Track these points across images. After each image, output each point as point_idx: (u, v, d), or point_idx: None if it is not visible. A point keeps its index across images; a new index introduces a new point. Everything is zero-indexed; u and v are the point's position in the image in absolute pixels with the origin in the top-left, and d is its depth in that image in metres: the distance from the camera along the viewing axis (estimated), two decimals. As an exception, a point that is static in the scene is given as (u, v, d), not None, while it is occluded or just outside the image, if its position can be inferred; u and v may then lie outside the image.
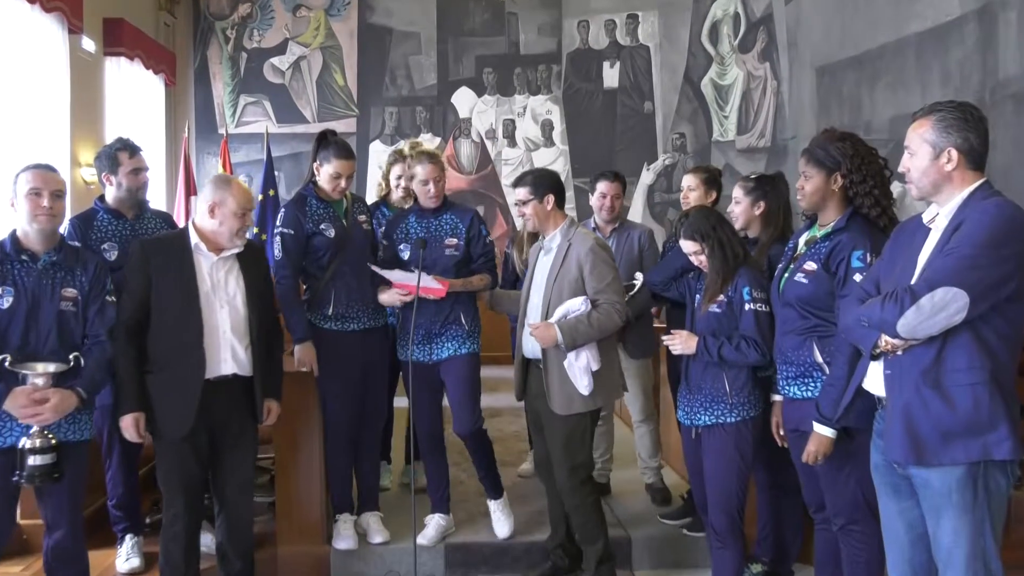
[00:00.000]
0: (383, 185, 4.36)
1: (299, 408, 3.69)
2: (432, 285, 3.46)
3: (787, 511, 3.33)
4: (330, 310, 3.62)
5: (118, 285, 3.42)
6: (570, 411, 3.24)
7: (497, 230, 8.66)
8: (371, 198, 4.36)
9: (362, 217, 3.76)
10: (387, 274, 3.54)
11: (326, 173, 3.61)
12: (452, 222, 3.66)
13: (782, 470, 3.16)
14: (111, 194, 3.59)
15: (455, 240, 3.63)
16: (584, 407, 3.25)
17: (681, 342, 3.05)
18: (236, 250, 3.05)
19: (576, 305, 3.18)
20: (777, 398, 2.95)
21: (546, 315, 3.23)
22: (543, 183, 3.34)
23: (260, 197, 7.33)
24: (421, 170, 3.61)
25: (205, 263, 3.01)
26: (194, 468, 3.02)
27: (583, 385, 3.20)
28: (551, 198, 3.32)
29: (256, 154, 8.42)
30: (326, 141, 3.64)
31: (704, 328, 3.03)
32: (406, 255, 3.61)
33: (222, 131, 8.26)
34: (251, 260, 3.12)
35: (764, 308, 2.94)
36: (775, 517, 3.35)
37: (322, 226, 3.59)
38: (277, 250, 3.59)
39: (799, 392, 2.77)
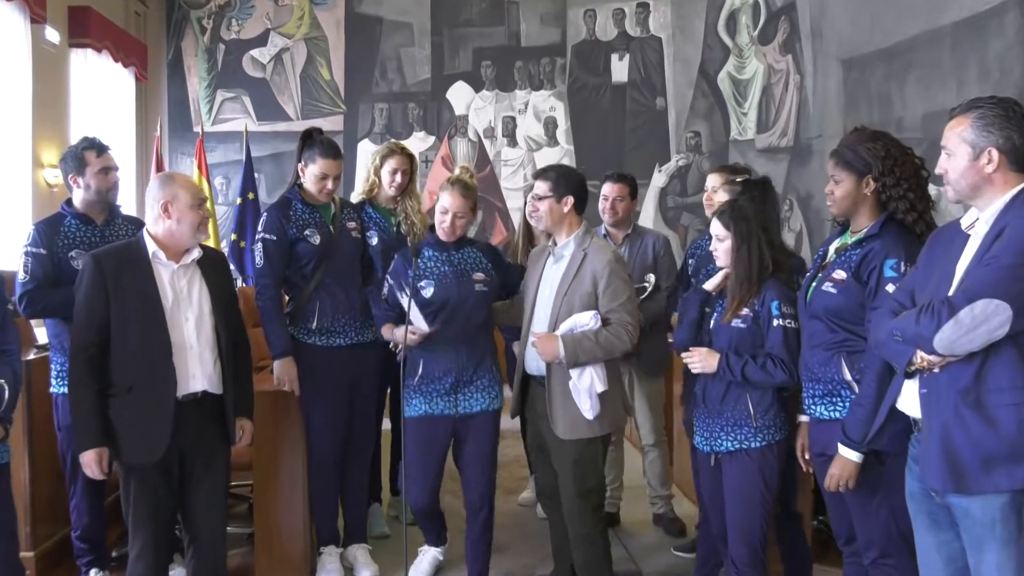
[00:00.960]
0: (374, 181, 4.15)
1: (280, 430, 3.69)
2: (421, 326, 3.33)
3: (793, 538, 3.33)
4: (314, 323, 3.62)
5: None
6: (574, 436, 3.21)
7: (496, 236, 8.67)
8: (354, 198, 4.30)
9: (351, 224, 3.77)
10: (414, 315, 3.35)
11: (311, 174, 3.62)
12: (474, 255, 3.51)
13: (786, 492, 3.18)
14: (79, 197, 3.61)
15: (482, 275, 3.47)
16: (589, 432, 3.22)
17: (700, 359, 3.04)
18: (196, 255, 3.05)
19: (585, 320, 3.15)
20: (803, 419, 2.94)
21: (553, 329, 3.21)
22: (566, 183, 3.28)
23: (239, 201, 7.35)
24: (450, 201, 3.41)
25: (165, 272, 3.00)
26: (164, 497, 2.99)
27: (586, 408, 3.17)
28: (571, 200, 3.27)
29: (234, 154, 8.44)
30: (311, 140, 3.66)
31: (725, 344, 3.01)
32: (429, 293, 3.39)
33: (197, 129, 8.28)
34: (212, 267, 3.12)
35: (793, 325, 2.92)
36: (781, 545, 3.35)
37: (306, 232, 3.60)
38: (259, 257, 3.60)
39: (826, 412, 2.77)
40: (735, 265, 3.02)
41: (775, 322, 2.93)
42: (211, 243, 6.92)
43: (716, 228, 3.07)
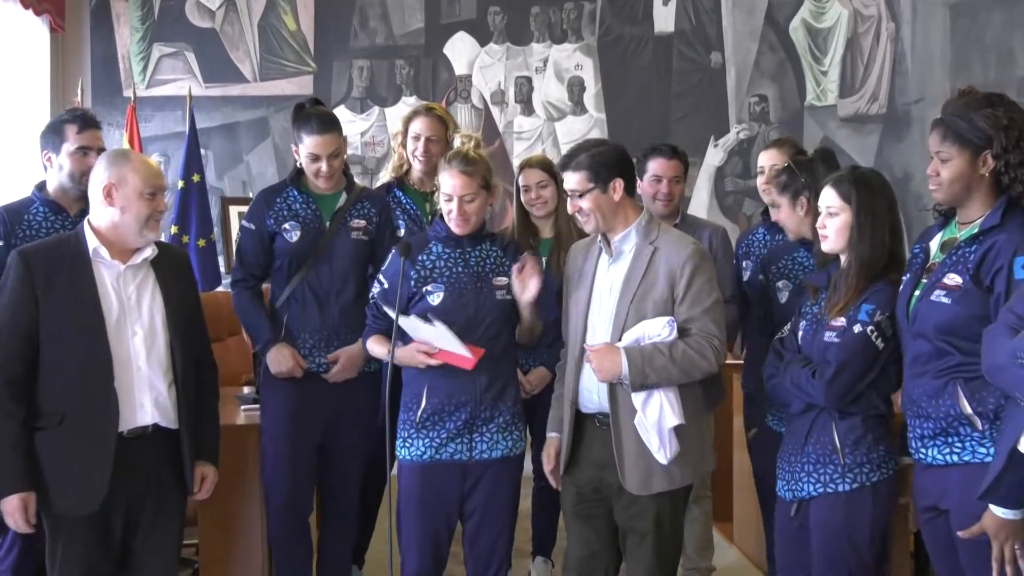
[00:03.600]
0: (402, 154, 4.28)
1: (232, 475, 3.67)
2: (460, 351, 3.25)
3: None
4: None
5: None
6: (647, 490, 3.13)
7: (507, 222, 8.62)
8: (383, 178, 4.40)
9: (357, 222, 3.79)
10: (409, 326, 3.32)
11: (302, 155, 3.73)
12: (496, 255, 3.48)
13: None
14: (53, 180, 3.69)
15: (506, 280, 3.41)
16: (668, 483, 3.14)
17: None
18: (148, 253, 3.07)
19: (656, 329, 3.07)
20: (906, 461, 2.92)
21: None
22: (606, 163, 3.18)
23: (180, 184, 7.35)
24: (451, 183, 3.39)
25: (109, 274, 3.02)
26: (100, 559, 3.00)
27: (656, 448, 3.07)
28: (620, 184, 3.17)
29: (175, 125, 8.45)
30: (299, 114, 3.75)
31: (818, 357, 3.00)
32: (437, 299, 3.37)
33: (128, 93, 8.29)
34: (171, 268, 3.15)
35: (877, 340, 2.90)
36: None
37: (286, 225, 3.68)
38: (236, 249, 3.83)
39: (940, 456, 2.73)
40: (856, 246, 2.98)
41: (856, 328, 2.92)
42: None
43: (830, 198, 3.03)
